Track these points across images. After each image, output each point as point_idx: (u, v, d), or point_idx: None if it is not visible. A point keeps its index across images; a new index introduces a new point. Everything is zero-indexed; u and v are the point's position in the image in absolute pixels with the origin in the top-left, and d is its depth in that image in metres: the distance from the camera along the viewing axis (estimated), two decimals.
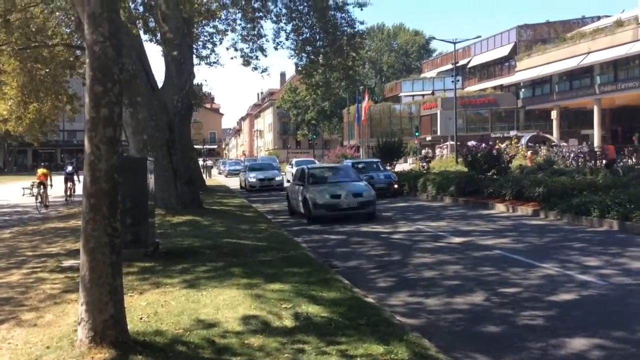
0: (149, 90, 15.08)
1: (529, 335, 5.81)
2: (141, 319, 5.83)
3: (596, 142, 43.01)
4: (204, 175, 36.19)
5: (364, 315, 6.07)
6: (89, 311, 4.88)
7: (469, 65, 67.12)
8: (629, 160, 26.23)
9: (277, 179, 30.63)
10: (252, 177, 30.25)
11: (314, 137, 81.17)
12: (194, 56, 21.68)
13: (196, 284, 7.29)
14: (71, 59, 19.09)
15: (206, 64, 25.92)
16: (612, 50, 42.29)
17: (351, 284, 7.79)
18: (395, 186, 23.11)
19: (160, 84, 16.81)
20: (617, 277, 8.08)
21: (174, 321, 5.73)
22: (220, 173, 61.71)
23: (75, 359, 4.66)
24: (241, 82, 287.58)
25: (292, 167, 41.34)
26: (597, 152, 29.53)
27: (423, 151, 49.12)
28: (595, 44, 44.47)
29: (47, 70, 18.94)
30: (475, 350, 5.48)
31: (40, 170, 21.53)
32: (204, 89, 38.17)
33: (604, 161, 25.74)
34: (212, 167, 73.09)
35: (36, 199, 20.07)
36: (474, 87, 65.89)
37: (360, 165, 24.48)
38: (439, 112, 59.11)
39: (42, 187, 20.46)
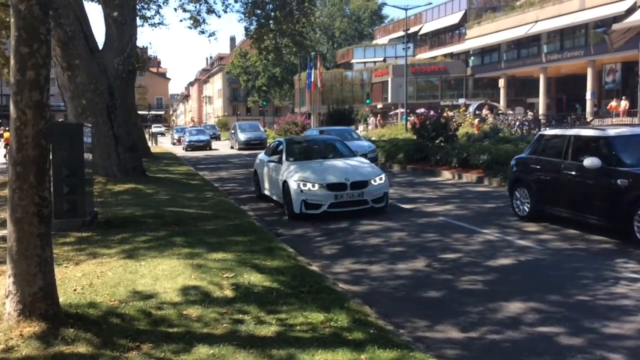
0: (88, 52, 14.40)
1: (467, 300, 5.93)
2: (75, 290, 5.63)
3: (541, 110, 44.07)
4: (149, 142, 35.24)
5: (306, 283, 6.04)
6: (16, 283, 4.69)
7: (420, 33, 67.26)
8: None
9: (378, 182, 10.82)
10: (311, 181, 10.65)
11: (265, 103, 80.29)
12: (138, 17, 20.87)
13: (135, 254, 7.08)
14: (7, 19, 18.06)
15: (150, 25, 25.02)
16: (559, 19, 43.06)
17: (296, 252, 7.76)
18: None
19: (101, 47, 16.09)
20: (555, 242, 8.32)
21: (109, 292, 5.56)
22: (174, 143, 48.39)
23: (3, 333, 4.46)
24: (189, 47, 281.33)
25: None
26: (541, 120, 30.26)
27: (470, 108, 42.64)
28: (543, 12, 45.16)
29: None
30: (415, 316, 5.56)
31: (7, 134, 26.92)
32: (149, 52, 36.94)
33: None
34: (163, 134, 70.73)
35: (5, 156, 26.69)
36: (425, 55, 66.19)
37: None
38: (390, 79, 59.25)
39: (8, 147, 27.03)
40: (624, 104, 34.73)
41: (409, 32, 51.02)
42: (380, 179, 10.86)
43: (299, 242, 8.86)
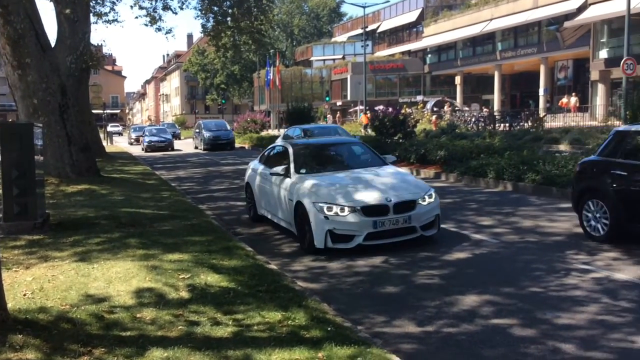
0: (39, 50, 13.97)
1: (424, 294, 5.99)
2: (25, 295, 5.44)
3: (496, 106, 45.02)
4: (104, 142, 34.38)
5: (264, 282, 6.00)
6: None
7: (378, 30, 67.83)
8: (525, 124, 27.62)
9: (427, 201, 8.15)
10: (339, 203, 7.80)
11: (224, 101, 79.67)
12: (91, 14, 20.38)
13: (88, 256, 6.90)
14: None
15: (104, 22, 24.47)
16: (513, 17, 44.02)
17: (254, 251, 7.70)
18: None
19: (53, 45, 15.65)
20: (509, 235, 8.50)
21: (60, 297, 5.40)
22: (131, 143, 45.15)
23: None
24: (146, 44, 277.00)
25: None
26: (496, 116, 30.89)
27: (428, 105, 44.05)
28: (497, 10, 46.09)
29: None
30: (373, 311, 5.58)
31: None
32: (104, 50, 35.93)
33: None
34: (121, 134, 69.29)
35: None
36: (383, 52, 66.80)
37: None
38: (349, 76, 59.59)
39: None
40: (574, 100, 35.79)
41: (368, 29, 51.44)
42: (430, 196, 8.14)
43: (257, 240, 8.80)
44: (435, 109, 40.83)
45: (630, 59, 23.28)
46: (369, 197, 7.82)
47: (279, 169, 9.02)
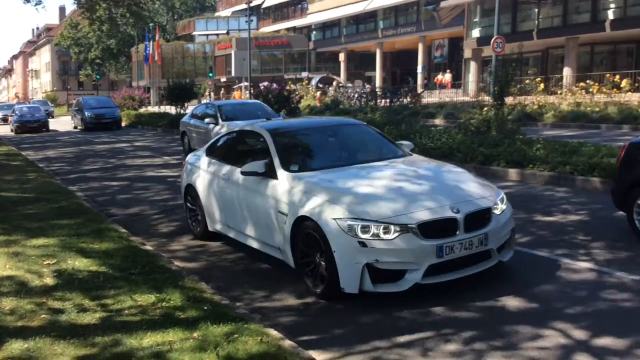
0: None
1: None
2: None
3: (378, 83, 46.33)
4: None
5: (138, 264, 5.73)
6: None
7: (263, 6, 67.13)
8: (404, 100, 28.66)
9: (500, 209, 5.43)
10: (383, 219, 4.84)
11: (98, 77, 75.56)
12: None
13: None
14: None
15: None
16: None
17: (129, 232, 7.34)
18: None
19: None
20: None
21: None
22: None
23: None
24: (13, 16, 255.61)
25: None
26: (378, 92, 31.81)
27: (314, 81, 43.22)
28: None
29: None
30: (253, 287, 5.54)
31: None
32: None
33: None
34: None
35: None
36: (268, 28, 66.31)
37: None
38: (233, 52, 58.55)
39: None
40: (449, 76, 37.70)
41: (252, 5, 50.64)
42: (502, 201, 5.52)
43: (133, 221, 8.40)
44: (319, 85, 41.26)
45: (499, 38, 24.73)
46: (423, 207, 5.03)
47: (255, 165, 5.93)
